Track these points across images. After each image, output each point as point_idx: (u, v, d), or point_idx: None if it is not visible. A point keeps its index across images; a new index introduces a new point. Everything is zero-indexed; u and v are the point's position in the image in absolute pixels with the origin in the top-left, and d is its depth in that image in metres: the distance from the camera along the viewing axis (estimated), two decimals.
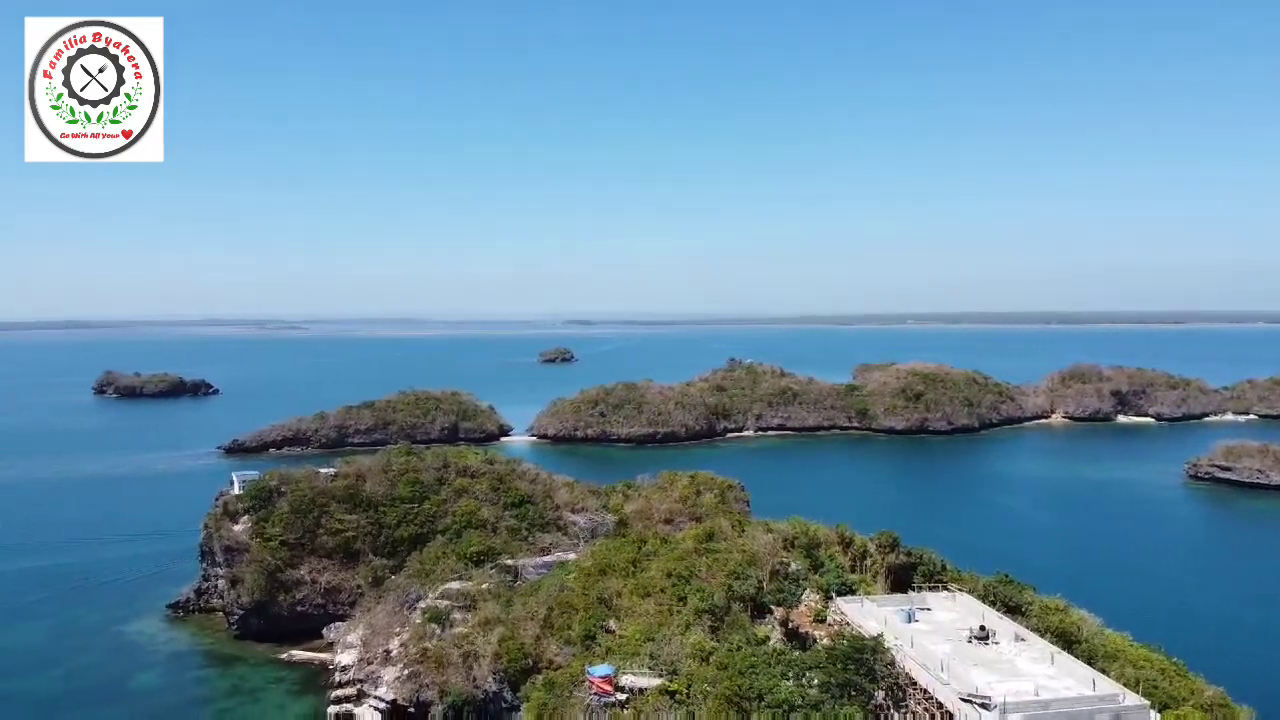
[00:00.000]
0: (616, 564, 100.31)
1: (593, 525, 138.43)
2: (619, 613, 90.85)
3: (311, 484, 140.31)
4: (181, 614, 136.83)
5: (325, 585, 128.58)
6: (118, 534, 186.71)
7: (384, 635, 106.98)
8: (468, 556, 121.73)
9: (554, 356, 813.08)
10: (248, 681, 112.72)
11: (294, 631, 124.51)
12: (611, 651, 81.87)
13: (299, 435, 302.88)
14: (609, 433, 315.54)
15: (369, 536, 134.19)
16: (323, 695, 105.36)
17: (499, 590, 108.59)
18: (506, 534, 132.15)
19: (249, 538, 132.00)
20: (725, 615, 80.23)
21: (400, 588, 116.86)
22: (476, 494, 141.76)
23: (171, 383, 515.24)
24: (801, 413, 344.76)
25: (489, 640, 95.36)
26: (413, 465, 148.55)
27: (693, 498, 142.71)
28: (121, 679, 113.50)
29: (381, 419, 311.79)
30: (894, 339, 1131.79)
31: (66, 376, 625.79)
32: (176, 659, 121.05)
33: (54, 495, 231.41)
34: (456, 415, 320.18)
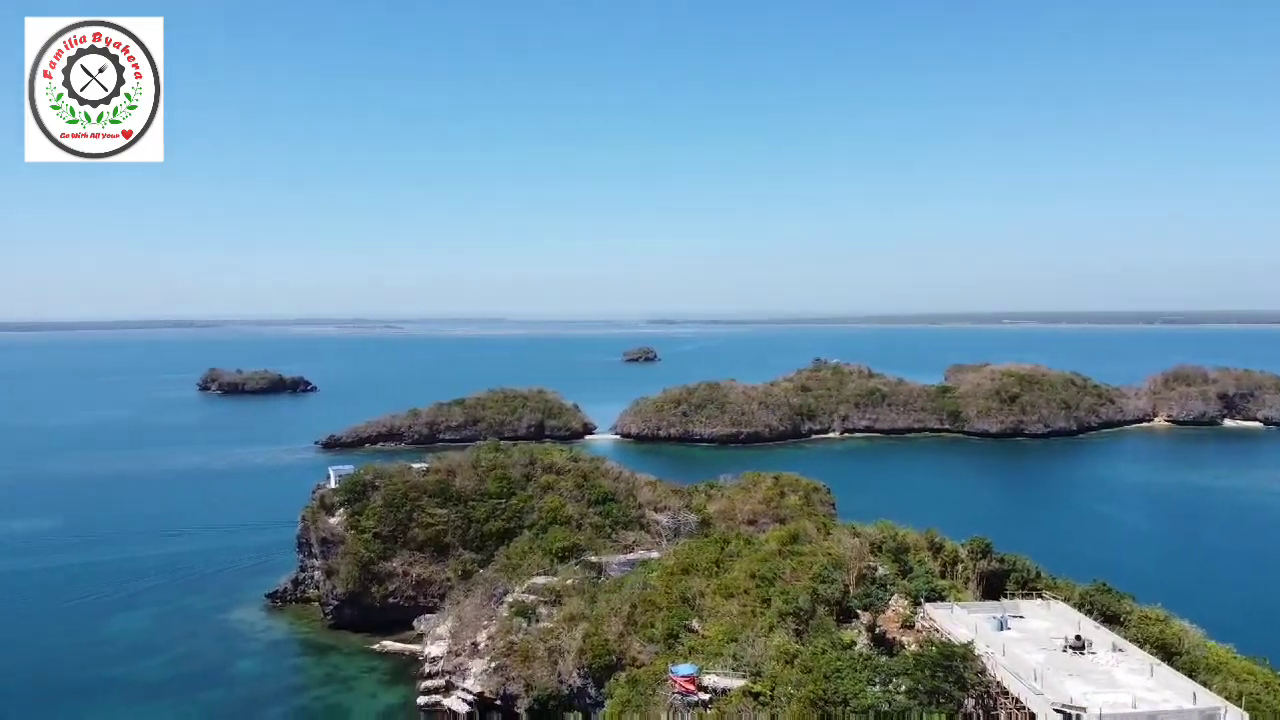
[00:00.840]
0: (699, 564, 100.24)
1: (675, 524, 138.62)
2: (702, 612, 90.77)
3: (404, 479, 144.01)
4: (280, 603, 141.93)
5: (416, 578, 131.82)
6: (221, 525, 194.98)
7: (472, 628, 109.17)
8: (553, 552, 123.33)
9: (637, 356, 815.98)
10: (341, 670, 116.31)
11: (386, 622, 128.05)
12: (694, 651, 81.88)
13: (393, 431, 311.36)
14: (691, 432, 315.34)
15: (458, 530, 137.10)
16: (413, 686, 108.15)
17: (583, 586, 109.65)
18: (591, 531, 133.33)
19: (344, 530, 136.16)
20: (810, 618, 79.33)
21: (488, 581, 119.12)
22: (561, 491, 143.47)
23: (271, 380, 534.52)
24: (890, 414, 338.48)
25: (574, 636, 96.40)
26: (500, 462, 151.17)
27: (777, 499, 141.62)
28: (223, 665, 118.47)
29: (471, 416, 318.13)
30: (988, 339, 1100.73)
31: (173, 373, 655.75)
32: (275, 647, 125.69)
33: (161, 487, 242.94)
34: (542, 413, 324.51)
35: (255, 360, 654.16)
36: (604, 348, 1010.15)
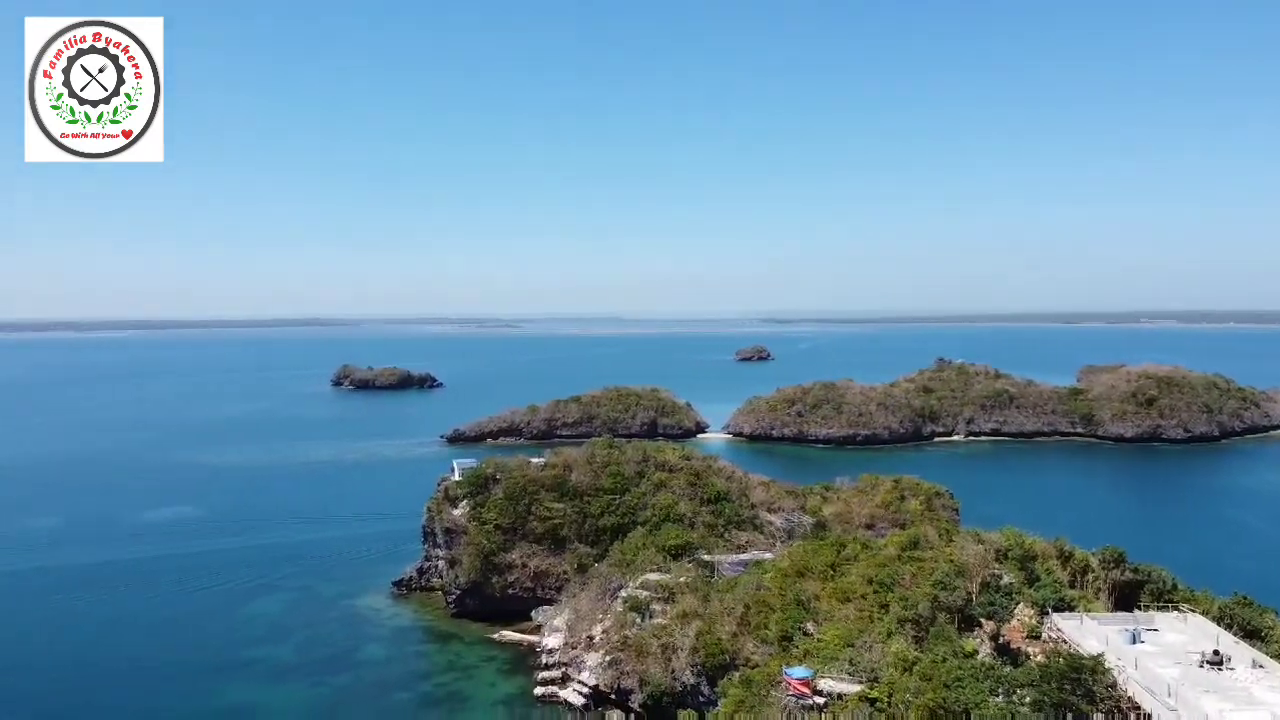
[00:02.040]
0: (815, 566, 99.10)
1: (789, 526, 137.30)
2: (817, 616, 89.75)
3: (523, 473, 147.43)
4: (405, 591, 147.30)
5: (534, 570, 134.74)
6: (351, 514, 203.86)
7: (588, 621, 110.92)
8: (666, 549, 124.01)
9: (750, 354, 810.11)
10: (463, 659, 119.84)
11: (505, 612, 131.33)
12: (809, 654, 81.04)
13: (512, 426, 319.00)
14: (806, 433, 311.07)
15: (574, 525, 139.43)
16: (530, 676, 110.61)
17: (696, 584, 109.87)
18: (703, 529, 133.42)
19: (467, 521, 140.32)
20: (930, 625, 77.42)
21: (603, 576, 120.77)
22: (674, 489, 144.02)
23: (400, 376, 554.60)
24: (1018, 417, 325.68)
25: (687, 633, 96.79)
26: (615, 458, 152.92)
27: (896, 503, 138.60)
28: (351, 650, 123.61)
29: (587, 413, 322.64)
30: (1123, 339, 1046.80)
31: (308, 370, 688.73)
32: (400, 634, 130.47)
33: (296, 477, 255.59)
34: (656, 411, 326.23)
35: (384, 358, 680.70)
36: (717, 346, 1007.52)
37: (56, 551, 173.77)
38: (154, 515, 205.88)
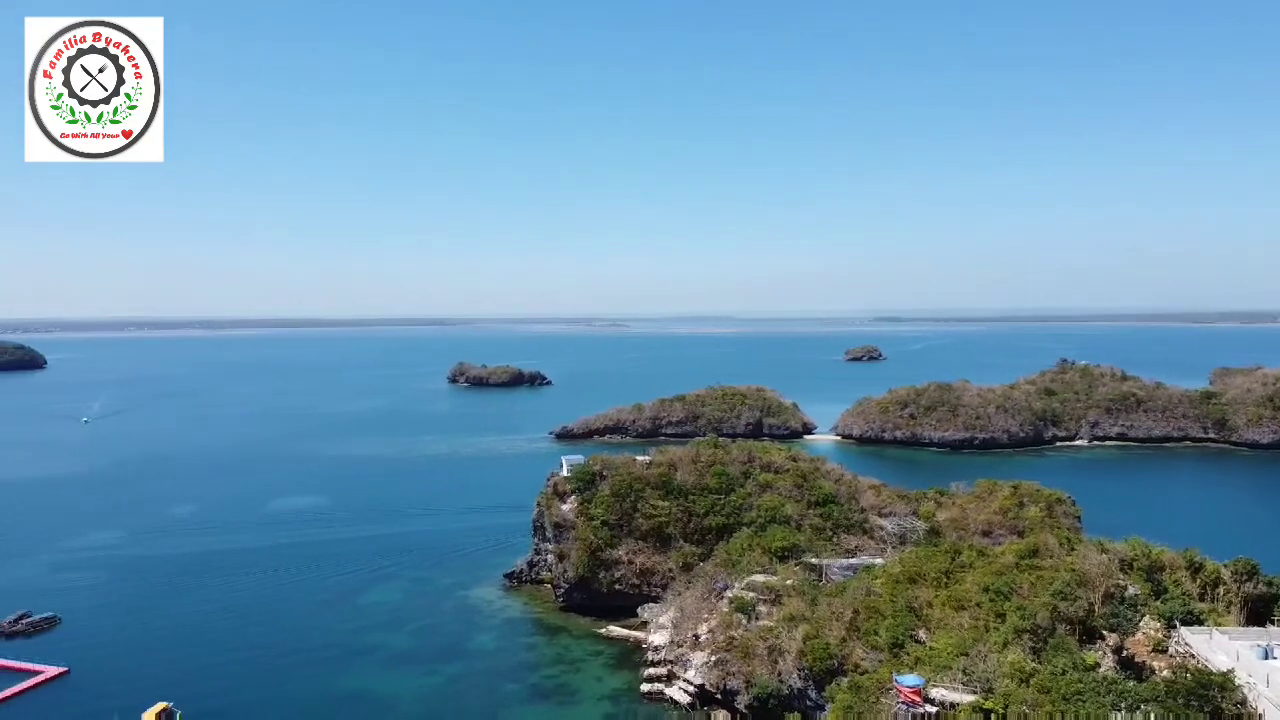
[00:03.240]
0: (928, 573, 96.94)
1: (901, 531, 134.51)
2: (929, 623, 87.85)
3: (629, 470, 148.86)
4: (515, 583, 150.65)
5: (640, 566, 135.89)
6: (464, 507, 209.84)
7: (693, 620, 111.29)
8: (772, 551, 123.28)
9: (861, 354, 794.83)
10: (570, 652, 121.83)
11: (612, 608, 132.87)
12: (921, 662, 79.41)
13: (618, 424, 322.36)
14: (919, 435, 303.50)
15: (679, 523, 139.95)
16: (636, 672, 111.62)
17: (804, 587, 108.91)
18: (810, 532, 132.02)
19: (575, 517, 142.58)
20: (1049, 636, 74.87)
21: (708, 575, 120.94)
22: (780, 490, 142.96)
23: (512, 374, 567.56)
24: (1145, 421, 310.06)
25: (794, 636, 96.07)
26: (720, 458, 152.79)
27: (1014, 509, 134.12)
28: (463, 639, 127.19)
29: (691, 412, 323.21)
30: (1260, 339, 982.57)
31: (426, 367, 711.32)
32: (509, 625, 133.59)
33: (415, 470, 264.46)
34: (761, 411, 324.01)
35: (497, 356, 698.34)
36: (826, 346, 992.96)
37: (192, 538, 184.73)
38: (283, 504, 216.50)
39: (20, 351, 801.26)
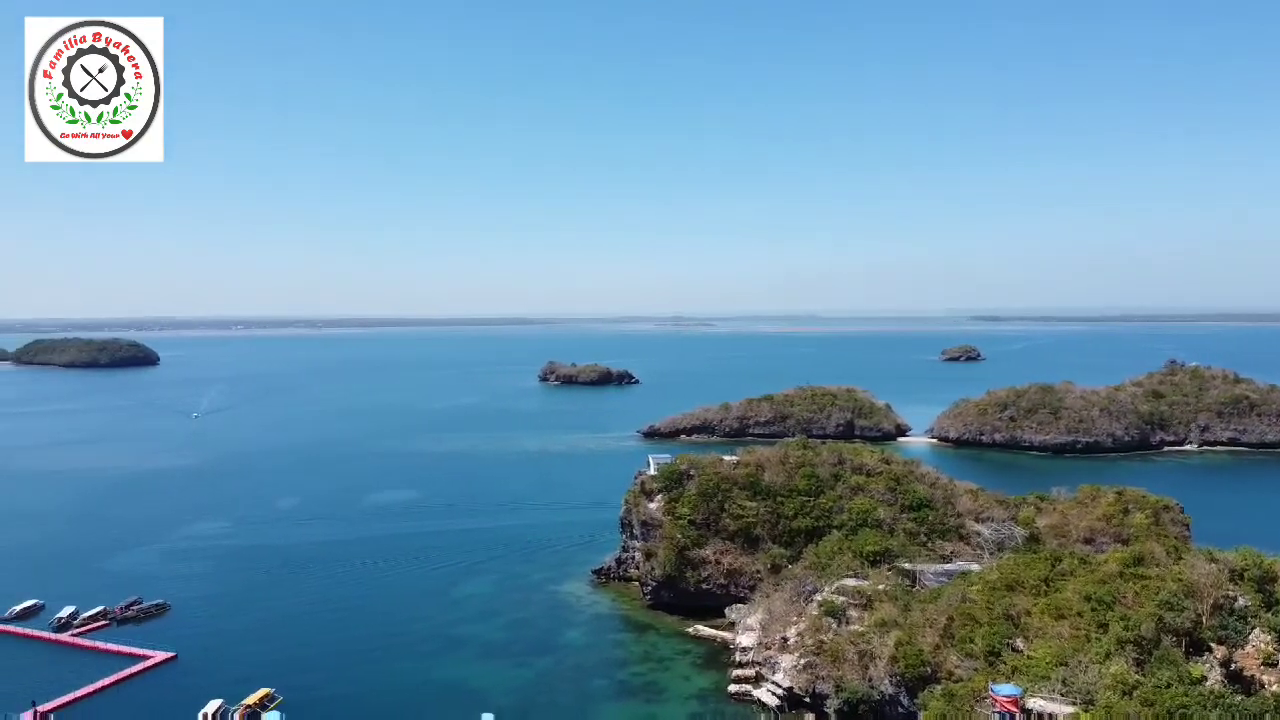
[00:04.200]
0: (1026, 580, 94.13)
1: (999, 537, 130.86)
2: (1027, 632, 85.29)
3: (716, 470, 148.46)
4: (603, 580, 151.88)
5: (727, 567, 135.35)
6: (555, 503, 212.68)
7: (781, 622, 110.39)
8: (864, 555, 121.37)
9: (958, 354, 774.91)
10: (658, 650, 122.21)
11: (699, 607, 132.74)
12: (1018, 671, 77.18)
13: (705, 424, 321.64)
14: (1019, 438, 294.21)
15: (767, 524, 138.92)
16: (724, 673, 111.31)
17: (896, 593, 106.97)
18: (904, 536, 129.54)
19: (662, 515, 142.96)
20: (1153, 648, 71.89)
21: (797, 578, 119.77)
22: (873, 493, 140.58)
23: (600, 373, 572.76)
24: (1259, 426, 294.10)
25: (885, 642, 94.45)
26: (809, 459, 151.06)
27: (1119, 516, 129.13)
28: (553, 633, 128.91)
29: (780, 412, 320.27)
30: None
31: (517, 366, 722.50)
32: (598, 621, 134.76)
33: (507, 465, 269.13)
34: (852, 412, 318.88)
35: (586, 355, 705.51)
36: (921, 345, 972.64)
37: (295, 529, 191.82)
38: (381, 497, 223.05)
39: (135, 349, 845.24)
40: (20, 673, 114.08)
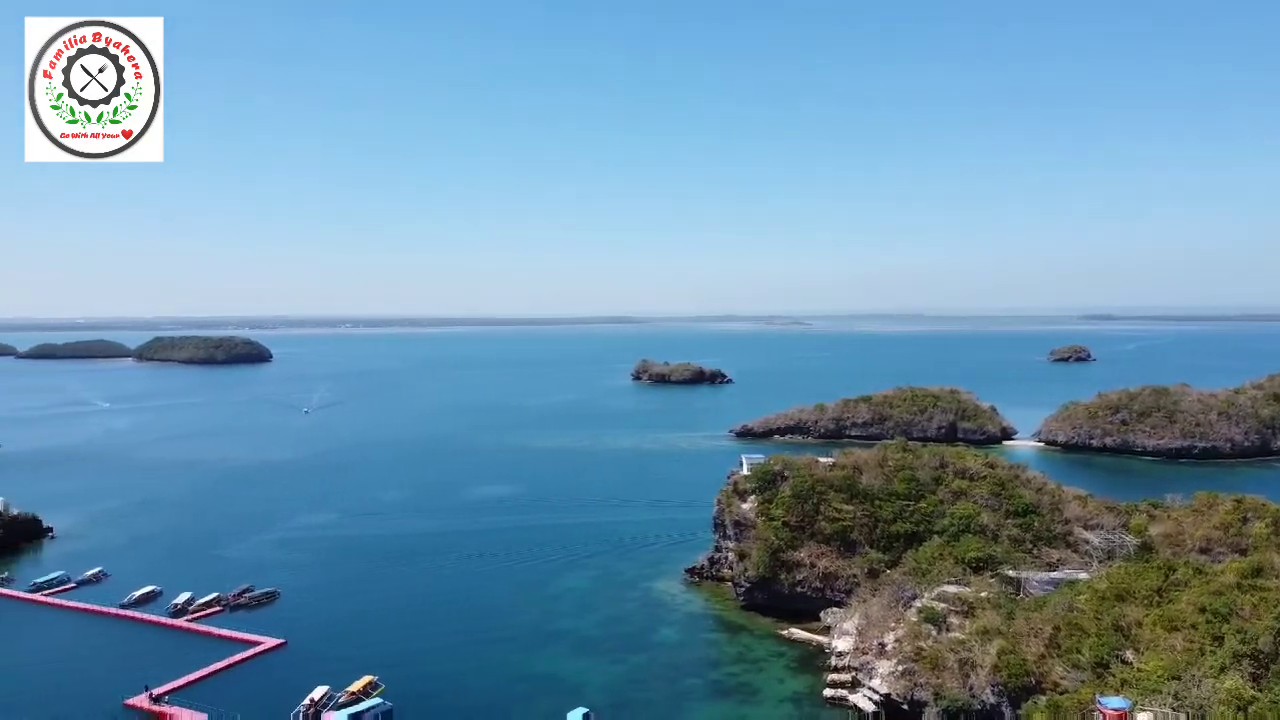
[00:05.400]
0: (1137, 590, 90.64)
1: (1109, 545, 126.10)
2: (1137, 643, 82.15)
3: (811, 472, 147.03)
4: (697, 579, 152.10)
5: (823, 570, 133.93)
6: (647, 500, 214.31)
7: (879, 628, 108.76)
8: (966, 561, 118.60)
9: (1067, 355, 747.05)
10: (751, 651, 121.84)
11: (793, 610, 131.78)
12: (1127, 684, 74.45)
13: (800, 424, 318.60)
14: (1131, 443, 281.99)
15: (865, 528, 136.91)
16: (819, 676, 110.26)
17: (999, 600, 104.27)
18: (1008, 543, 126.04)
19: (755, 516, 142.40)
20: (1271, 662, 68.42)
21: (896, 583, 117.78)
22: (975, 498, 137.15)
23: (693, 372, 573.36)
24: None
25: (987, 650, 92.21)
26: (909, 462, 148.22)
27: (1237, 525, 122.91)
28: (647, 630, 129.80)
29: (878, 414, 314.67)
30: None
31: (611, 364, 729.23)
32: (691, 620, 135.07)
33: (600, 463, 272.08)
34: (955, 414, 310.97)
35: (679, 354, 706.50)
36: (1029, 345, 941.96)
37: (399, 521, 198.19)
38: (481, 492, 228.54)
39: (250, 346, 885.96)
40: (137, 656, 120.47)
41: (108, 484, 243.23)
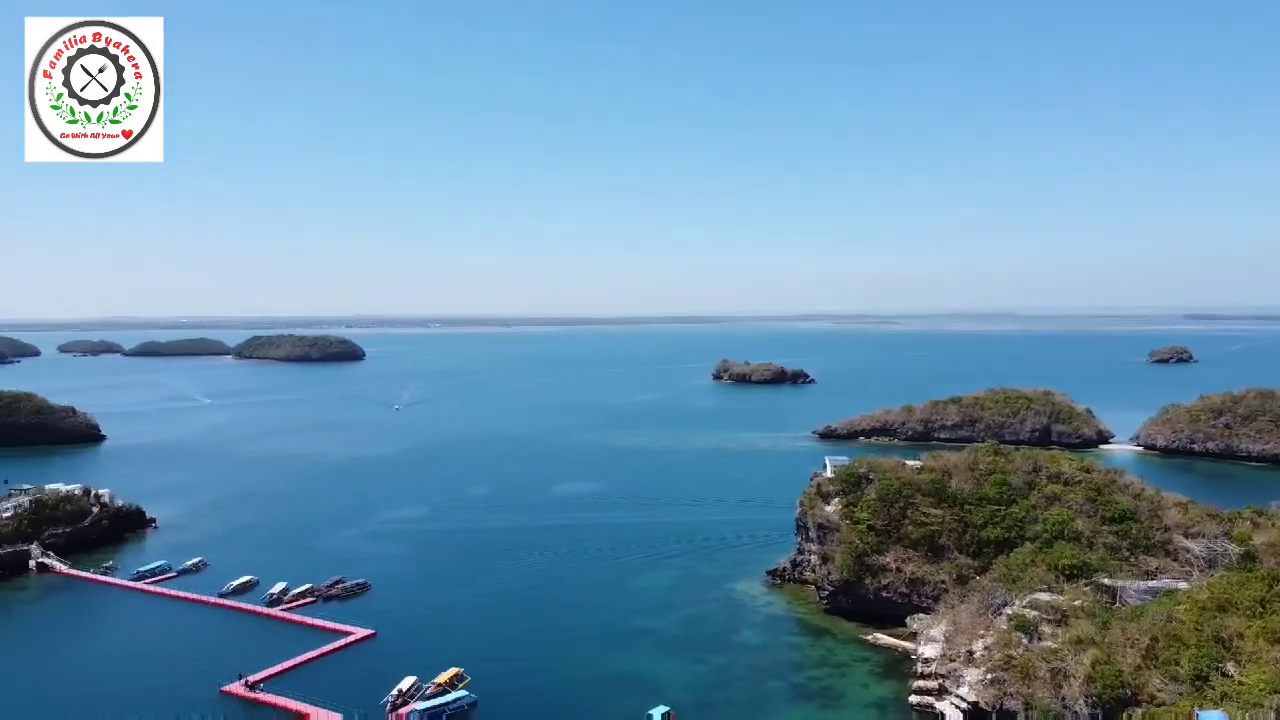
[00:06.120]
0: (1240, 601, 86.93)
1: (1210, 554, 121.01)
2: (1238, 656, 78.87)
3: (898, 474, 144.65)
4: (778, 581, 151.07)
5: (909, 575, 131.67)
6: (728, 500, 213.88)
7: (967, 635, 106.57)
8: (1059, 568, 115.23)
9: (1167, 356, 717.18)
10: (835, 655, 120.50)
11: (878, 615, 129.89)
12: (1228, 697, 71.59)
13: (886, 426, 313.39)
14: (1235, 447, 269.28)
15: (953, 533, 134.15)
16: (904, 683, 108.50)
17: (1094, 609, 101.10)
18: (1104, 551, 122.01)
19: (839, 519, 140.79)
20: None
21: (985, 590, 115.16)
22: (1070, 503, 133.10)
23: (775, 371, 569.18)
24: None
25: (1081, 660, 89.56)
26: (1000, 466, 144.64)
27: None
28: (728, 632, 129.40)
29: (968, 415, 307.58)
30: None
31: (692, 364, 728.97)
32: (772, 622, 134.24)
33: (681, 462, 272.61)
34: (1049, 417, 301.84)
35: (760, 353, 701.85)
36: (1127, 345, 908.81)
37: (486, 517, 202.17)
38: (563, 489, 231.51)
39: (344, 345, 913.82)
40: (234, 644, 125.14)
41: (208, 477, 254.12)
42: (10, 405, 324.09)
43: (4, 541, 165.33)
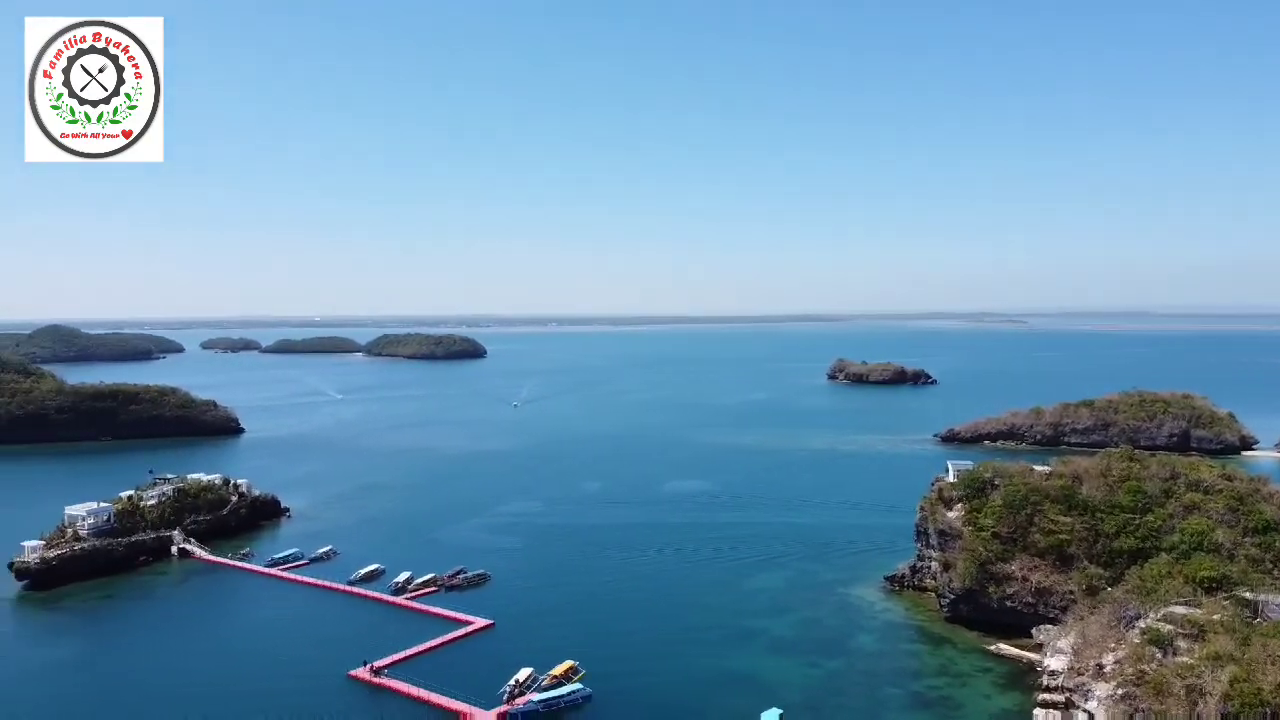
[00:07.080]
0: None
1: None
2: None
3: (1025, 480, 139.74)
4: (897, 587, 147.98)
5: (1036, 585, 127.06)
6: (844, 503, 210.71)
7: (1097, 648, 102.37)
8: (1197, 581, 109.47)
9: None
10: (955, 665, 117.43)
11: (1001, 625, 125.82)
12: None
13: (1013, 429, 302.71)
14: None
15: (1084, 542, 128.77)
16: (1028, 695, 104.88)
17: (1234, 624, 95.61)
18: (1245, 563, 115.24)
19: (962, 526, 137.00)
20: None
21: (1117, 601, 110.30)
22: (1209, 513, 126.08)
23: (894, 371, 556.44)
24: None
25: (1218, 677, 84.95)
26: (1135, 472, 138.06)
27: None
28: (843, 636, 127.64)
29: (1101, 419, 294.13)
30: None
31: (806, 363, 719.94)
32: (890, 629, 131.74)
33: (795, 462, 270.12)
34: (1187, 421, 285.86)
35: (878, 353, 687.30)
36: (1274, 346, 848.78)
37: (600, 512, 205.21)
38: (677, 486, 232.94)
39: (467, 343, 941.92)
40: (360, 630, 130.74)
41: (338, 468, 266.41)
42: (156, 399, 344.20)
43: (149, 527, 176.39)
